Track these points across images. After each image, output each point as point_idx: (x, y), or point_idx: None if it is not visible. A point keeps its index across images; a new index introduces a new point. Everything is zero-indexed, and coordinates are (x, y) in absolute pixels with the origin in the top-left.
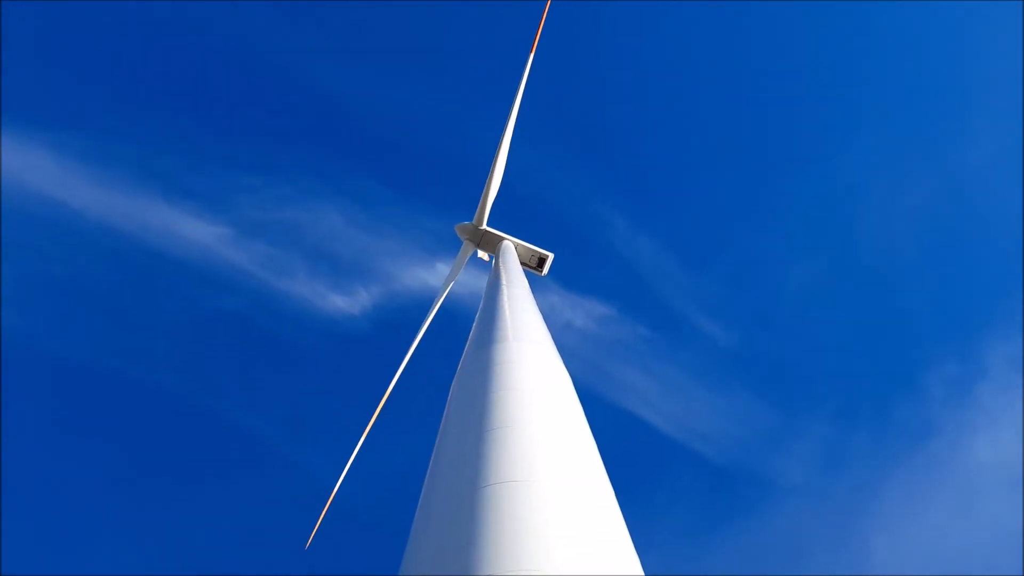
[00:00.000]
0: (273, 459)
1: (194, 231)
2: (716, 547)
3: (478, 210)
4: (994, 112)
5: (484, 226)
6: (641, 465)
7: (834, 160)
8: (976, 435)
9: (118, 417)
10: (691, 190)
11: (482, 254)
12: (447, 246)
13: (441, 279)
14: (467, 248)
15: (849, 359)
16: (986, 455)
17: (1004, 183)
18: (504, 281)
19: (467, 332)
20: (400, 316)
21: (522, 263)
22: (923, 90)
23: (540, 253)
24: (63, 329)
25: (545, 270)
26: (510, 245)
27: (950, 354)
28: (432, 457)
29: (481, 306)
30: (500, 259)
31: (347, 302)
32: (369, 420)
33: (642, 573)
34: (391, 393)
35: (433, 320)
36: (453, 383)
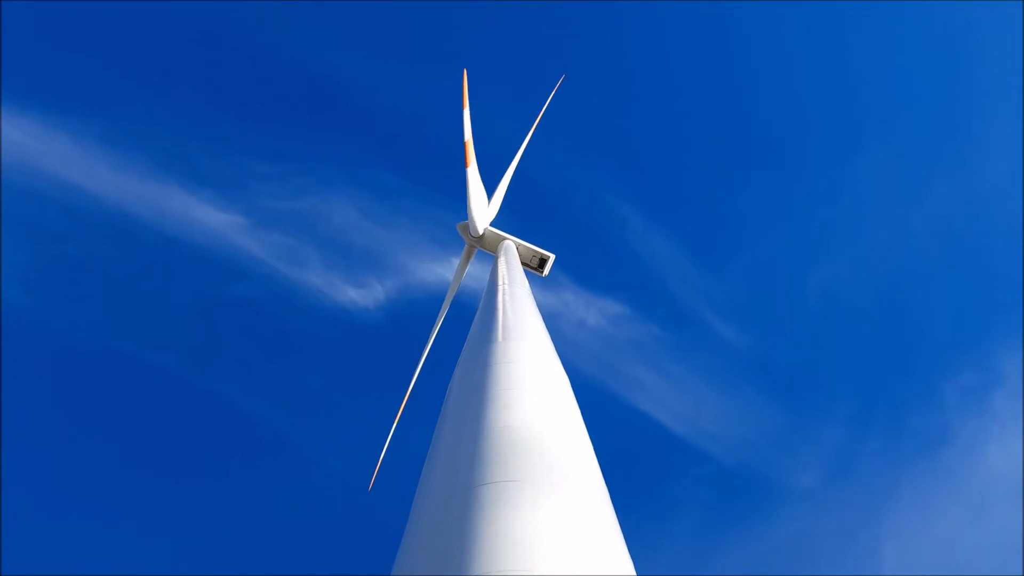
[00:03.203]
0: (282, 448)
1: (209, 218)
2: (724, 550)
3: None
4: (1014, 121)
5: (487, 225)
6: (651, 464)
7: (853, 165)
8: (990, 444)
9: (128, 402)
10: (709, 190)
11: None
12: (461, 241)
13: (454, 273)
14: (469, 248)
15: (863, 365)
16: (999, 464)
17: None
18: (504, 280)
19: (467, 330)
20: (414, 309)
21: (523, 263)
22: (945, 98)
23: (541, 254)
24: (76, 312)
25: (546, 271)
26: (511, 245)
27: (966, 362)
28: (428, 455)
29: (481, 305)
30: (501, 258)
31: (361, 294)
32: (400, 405)
33: (634, 574)
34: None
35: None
36: (451, 381)
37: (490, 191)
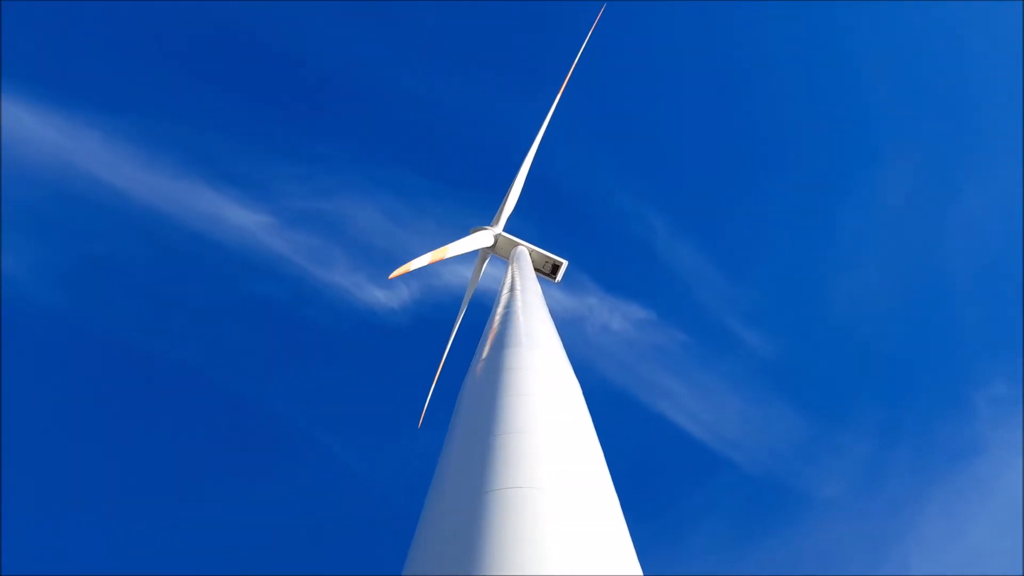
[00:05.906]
0: (306, 447)
1: (237, 218)
2: (748, 558)
3: (496, 216)
4: None
5: (500, 231)
6: (675, 471)
7: (881, 171)
8: (1021, 456)
9: (156, 398)
10: (735, 197)
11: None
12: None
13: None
14: (483, 254)
15: (892, 374)
16: None
17: None
18: (517, 286)
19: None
20: (438, 311)
21: (536, 269)
22: (975, 102)
23: (554, 260)
24: (105, 309)
25: (559, 277)
26: (524, 250)
27: (996, 372)
28: (439, 460)
29: (493, 311)
30: (514, 264)
31: (386, 295)
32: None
33: None
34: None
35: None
36: (463, 386)
37: (502, 192)
